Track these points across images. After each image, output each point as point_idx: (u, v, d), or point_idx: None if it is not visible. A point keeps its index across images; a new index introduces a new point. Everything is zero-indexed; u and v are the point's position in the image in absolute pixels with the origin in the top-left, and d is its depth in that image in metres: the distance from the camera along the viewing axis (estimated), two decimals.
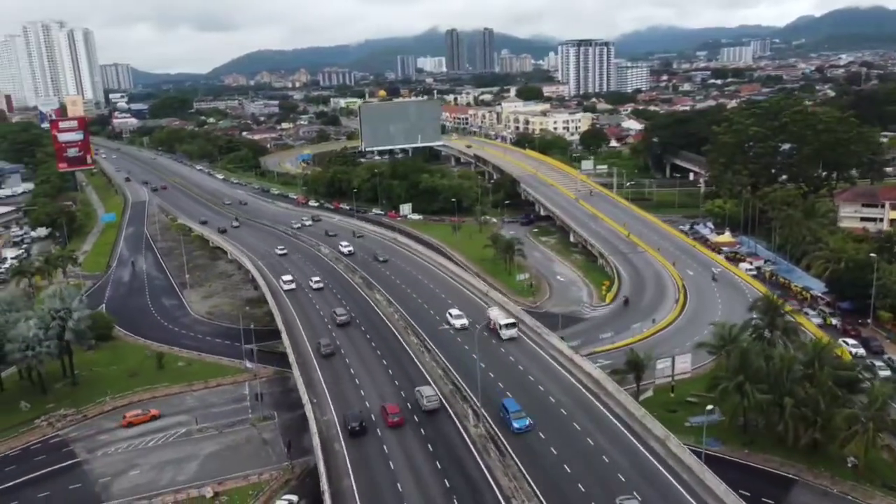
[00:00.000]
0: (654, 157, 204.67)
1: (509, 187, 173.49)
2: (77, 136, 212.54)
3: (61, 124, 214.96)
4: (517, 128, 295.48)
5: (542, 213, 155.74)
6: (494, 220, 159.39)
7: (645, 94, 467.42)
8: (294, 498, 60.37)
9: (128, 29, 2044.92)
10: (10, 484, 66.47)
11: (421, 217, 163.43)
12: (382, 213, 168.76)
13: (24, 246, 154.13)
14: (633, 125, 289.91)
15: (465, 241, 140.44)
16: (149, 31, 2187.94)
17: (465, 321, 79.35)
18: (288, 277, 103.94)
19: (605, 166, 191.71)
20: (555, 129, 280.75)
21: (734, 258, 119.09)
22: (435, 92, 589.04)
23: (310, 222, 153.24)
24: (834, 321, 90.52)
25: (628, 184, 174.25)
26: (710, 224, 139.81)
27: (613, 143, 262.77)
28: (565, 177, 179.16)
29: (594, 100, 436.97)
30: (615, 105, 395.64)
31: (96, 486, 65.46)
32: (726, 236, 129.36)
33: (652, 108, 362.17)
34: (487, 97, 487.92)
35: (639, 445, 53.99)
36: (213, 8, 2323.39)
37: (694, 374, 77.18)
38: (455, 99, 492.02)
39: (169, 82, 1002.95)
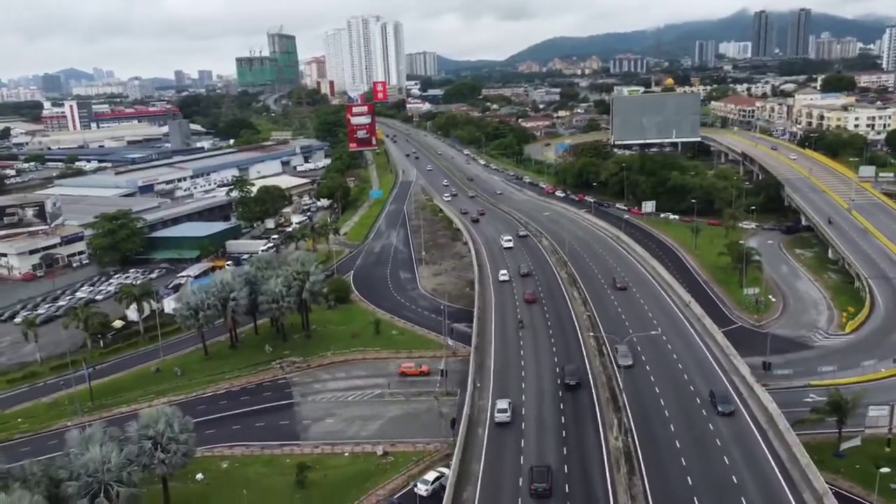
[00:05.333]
0: None
1: (772, 190, 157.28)
2: (366, 119, 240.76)
3: (354, 109, 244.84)
4: (809, 123, 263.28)
5: (805, 222, 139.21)
6: (753, 225, 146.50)
7: None
8: (447, 471, 64.41)
9: (437, 20, 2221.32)
10: (240, 411, 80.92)
11: (667, 216, 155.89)
12: (626, 208, 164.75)
13: (308, 214, 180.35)
14: None
15: (705, 245, 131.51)
16: (456, 21, 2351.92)
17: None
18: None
19: (893, 174, 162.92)
20: (856, 126, 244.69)
21: None
22: (728, 80, 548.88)
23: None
24: None
25: None
26: None
27: None
28: (843, 182, 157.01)
29: None
30: None
31: (298, 427, 76.76)
32: None
33: None
34: (790, 87, 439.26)
35: (789, 495, 48.13)
36: None
37: None
38: (748, 89, 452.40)
39: (468, 69, 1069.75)
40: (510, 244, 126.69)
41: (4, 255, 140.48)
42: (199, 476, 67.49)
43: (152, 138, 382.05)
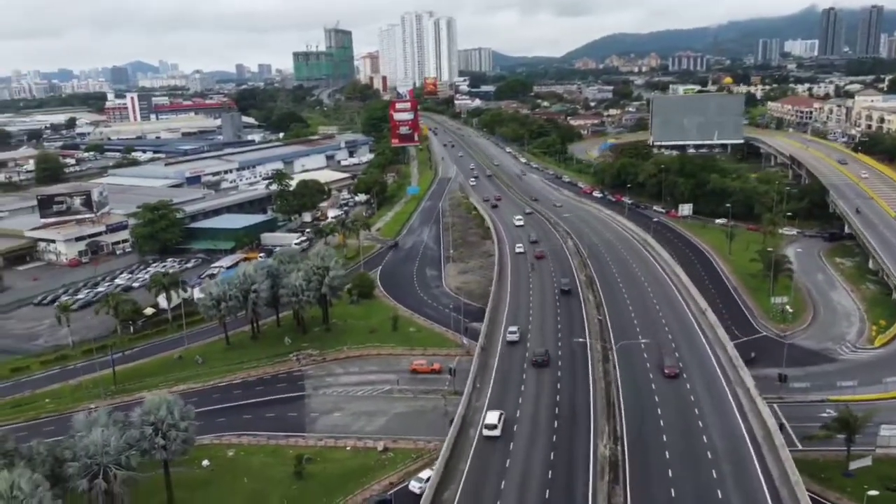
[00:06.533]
0: None
1: (816, 196, 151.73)
2: (409, 115, 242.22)
3: (398, 105, 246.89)
4: (869, 126, 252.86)
5: (848, 229, 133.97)
6: (794, 231, 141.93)
7: None
8: None
9: (494, 16, 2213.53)
10: (252, 401, 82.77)
11: (709, 220, 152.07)
12: (663, 211, 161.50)
13: (345, 209, 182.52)
14: None
15: (740, 250, 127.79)
16: (512, 16, 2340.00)
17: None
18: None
19: None
20: None
21: None
22: (791, 80, 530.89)
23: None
24: None
25: None
26: None
27: None
28: (895, 189, 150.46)
29: None
30: None
31: (306, 419, 78.15)
32: None
33: None
34: (855, 87, 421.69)
35: None
36: None
37: None
38: (810, 89, 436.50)
39: (524, 65, 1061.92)
40: (521, 223, 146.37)
41: (53, 241, 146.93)
42: (206, 462, 69.57)
43: (206, 130, 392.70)
